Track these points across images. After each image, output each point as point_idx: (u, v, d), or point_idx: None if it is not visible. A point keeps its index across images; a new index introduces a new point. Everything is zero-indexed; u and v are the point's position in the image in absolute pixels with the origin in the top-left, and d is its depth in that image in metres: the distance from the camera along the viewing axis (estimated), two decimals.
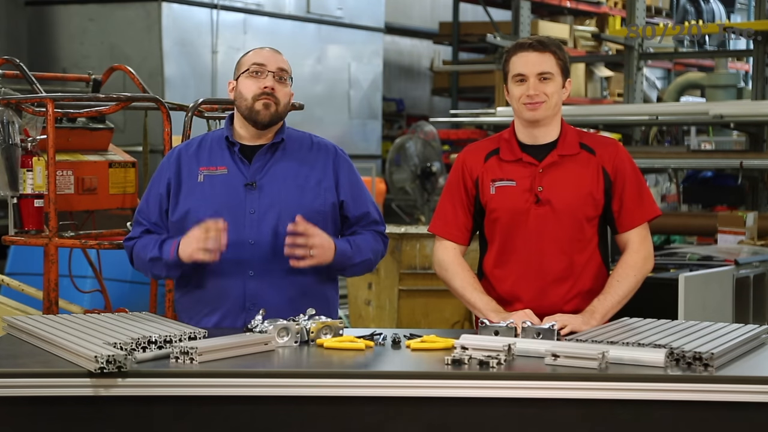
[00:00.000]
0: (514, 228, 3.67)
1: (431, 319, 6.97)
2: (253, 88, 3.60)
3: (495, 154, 3.72)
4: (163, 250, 3.60)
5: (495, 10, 15.21)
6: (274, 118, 3.63)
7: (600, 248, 3.72)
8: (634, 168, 3.72)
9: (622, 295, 3.62)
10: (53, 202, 4.42)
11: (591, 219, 3.68)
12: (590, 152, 3.68)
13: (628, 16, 11.78)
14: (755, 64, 10.43)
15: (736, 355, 3.15)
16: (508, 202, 3.66)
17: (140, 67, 10.37)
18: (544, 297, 3.65)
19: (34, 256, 6.29)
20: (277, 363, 3.14)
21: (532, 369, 3.00)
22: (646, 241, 3.70)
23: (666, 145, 12.48)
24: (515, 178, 3.67)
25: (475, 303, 3.65)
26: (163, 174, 3.71)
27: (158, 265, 3.63)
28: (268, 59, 3.63)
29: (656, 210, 3.74)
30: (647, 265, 3.69)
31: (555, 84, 3.61)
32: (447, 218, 3.77)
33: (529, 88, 3.58)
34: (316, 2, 13.49)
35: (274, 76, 3.61)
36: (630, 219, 3.69)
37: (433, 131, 13.68)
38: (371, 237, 3.74)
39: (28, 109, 4.51)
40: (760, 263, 6.55)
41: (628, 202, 3.68)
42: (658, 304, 5.38)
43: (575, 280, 3.67)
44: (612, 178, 3.67)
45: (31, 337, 3.33)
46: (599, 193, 3.66)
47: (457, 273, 3.71)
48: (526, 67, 3.60)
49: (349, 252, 3.64)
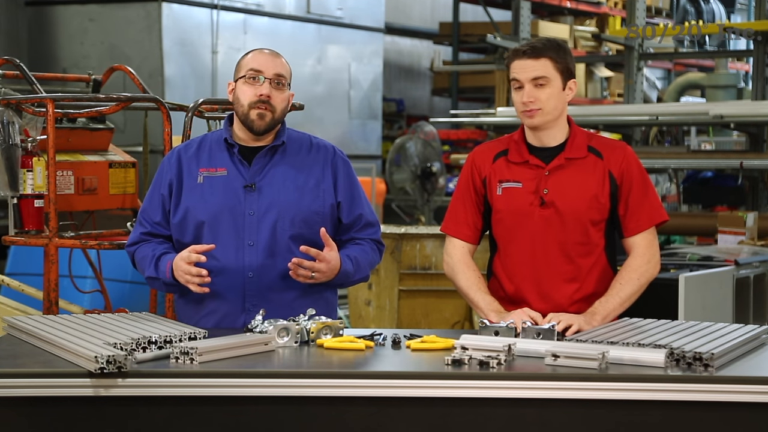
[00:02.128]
0: (518, 229, 3.67)
1: (431, 319, 6.97)
2: (250, 95, 3.60)
3: (504, 155, 3.71)
4: (159, 270, 3.61)
5: (495, 10, 15.22)
6: (269, 126, 3.63)
7: (607, 252, 3.70)
8: (641, 172, 3.69)
9: (624, 297, 3.61)
10: (53, 202, 4.42)
11: (596, 223, 3.66)
12: (598, 156, 3.67)
13: (628, 16, 11.78)
14: (755, 64, 10.43)
15: (736, 356, 3.15)
16: (513, 204, 3.67)
17: (140, 67, 10.40)
18: (549, 299, 3.64)
19: (34, 256, 6.30)
20: (277, 363, 3.13)
21: (532, 369, 3.00)
22: (652, 245, 3.68)
23: (666, 145, 12.48)
24: (521, 179, 3.67)
25: (478, 302, 3.65)
26: (164, 175, 3.71)
27: (157, 284, 3.68)
28: (266, 65, 3.61)
29: (663, 215, 3.71)
30: (652, 270, 3.67)
31: (552, 89, 3.59)
32: (458, 217, 3.77)
33: (524, 95, 3.59)
34: (316, 2, 13.49)
35: (271, 83, 3.60)
36: (636, 223, 3.67)
37: (433, 131, 13.67)
38: (370, 249, 3.75)
39: (28, 109, 4.51)
40: (760, 263, 6.54)
41: (633, 206, 3.66)
42: (658, 304, 5.36)
43: (581, 283, 3.66)
44: (618, 183, 3.65)
45: (31, 337, 3.33)
46: (604, 197, 3.65)
47: (462, 272, 3.72)
48: (521, 73, 3.59)
49: (351, 271, 3.65)
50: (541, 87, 3.58)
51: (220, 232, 3.61)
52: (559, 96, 3.62)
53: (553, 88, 3.59)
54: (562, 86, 3.62)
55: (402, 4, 17.72)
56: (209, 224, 3.62)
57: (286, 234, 3.61)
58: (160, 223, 3.70)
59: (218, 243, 3.57)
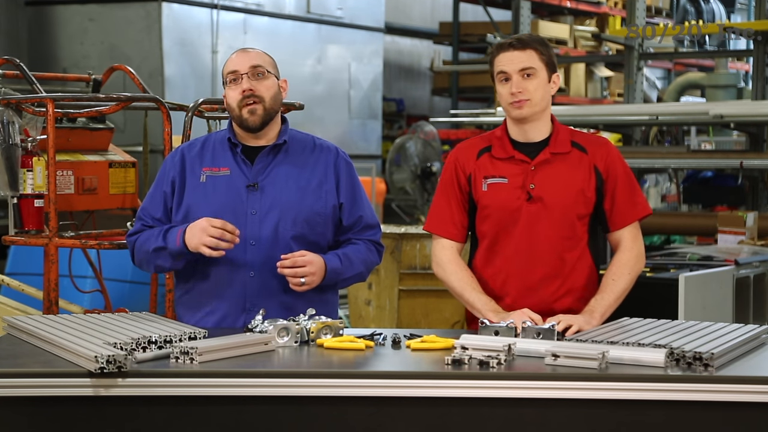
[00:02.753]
0: (505, 225, 3.68)
1: (431, 319, 6.97)
2: (235, 96, 3.62)
3: (487, 152, 3.73)
4: (168, 240, 3.59)
5: (495, 10, 15.22)
6: (263, 118, 3.63)
7: (590, 247, 3.73)
8: (625, 167, 3.75)
9: (619, 293, 3.64)
10: (53, 202, 4.42)
11: (582, 217, 3.69)
12: (582, 151, 3.71)
13: (628, 16, 11.77)
14: (755, 64, 10.43)
15: (736, 355, 3.15)
16: (499, 199, 3.68)
17: (140, 67, 10.39)
18: (533, 294, 3.66)
19: (34, 256, 6.30)
20: (277, 363, 3.14)
21: (532, 369, 3.00)
22: (637, 239, 3.73)
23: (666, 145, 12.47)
24: (507, 175, 3.68)
25: (474, 303, 3.65)
26: (167, 173, 3.72)
27: (162, 255, 3.62)
28: (239, 63, 3.63)
29: (647, 209, 3.76)
30: (640, 263, 3.72)
31: (539, 80, 3.62)
32: (442, 216, 3.77)
33: (512, 86, 3.60)
34: (316, 2, 13.49)
35: (249, 77, 3.61)
36: (622, 217, 3.71)
37: (433, 131, 13.68)
38: (364, 248, 3.74)
39: (28, 109, 4.51)
40: (760, 263, 6.54)
41: (619, 200, 3.70)
42: (658, 304, 5.38)
43: (565, 278, 3.69)
44: (604, 177, 3.69)
45: (31, 337, 3.33)
46: (591, 191, 3.68)
47: (454, 272, 3.72)
48: (508, 65, 3.62)
49: (339, 268, 3.64)
50: (529, 78, 3.62)
51: None
52: (546, 87, 3.66)
53: (540, 79, 3.63)
54: (548, 78, 3.66)
55: (402, 4, 17.73)
56: None
57: (287, 234, 3.62)
58: (161, 219, 3.70)
59: None
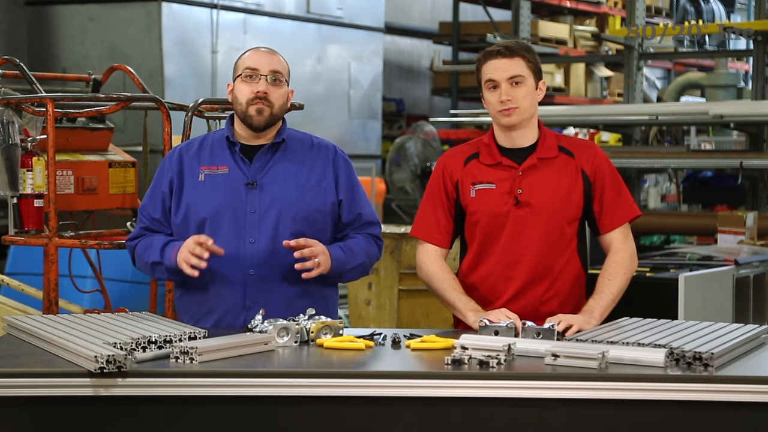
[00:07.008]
0: (493, 230, 3.70)
1: (431, 319, 6.97)
2: (247, 93, 3.62)
3: (475, 158, 3.76)
4: (165, 255, 3.61)
5: (495, 10, 15.22)
6: (268, 121, 3.64)
7: (579, 250, 3.76)
8: (612, 170, 3.77)
9: (615, 293, 3.66)
10: (53, 202, 4.42)
11: (571, 221, 3.72)
12: (569, 155, 3.73)
13: (628, 16, 11.78)
14: (755, 64, 10.44)
15: (736, 355, 3.15)
16: (488, 205, 3.70)
17: (140, 67, 10.39)
18: (521, 298, 3.69)
19: (34, 256, 6.29)
20: (277, 363, 3.14)
21: (532, 369, 3.00)
22: (628, 240, 3.76)
23: (666, 145, 12.48)
24: (495, 181, 3.70)
25: (454, 303, 3.68)
26: (165, 173, 3.72)
27: (159, 270, 3.67)
28: (261, 63, 3.63)
29: (636, 210, 3.79)
30: (633, 263, 3.75)
31: (527, 87, 3.64)
32: (428, 222, 3.80)
33: (501, 94, 3.62)
34: (316, 2, 13.49)
35: (268, 79, 3.62)
36: (611, 220, 3.73)
37: (433, 131, 13.68)
38: (363, 240, 3.74)
39: (28, 109, 4.51)
40: (760, 263, 6.54)
41: (608, 203, 3.72)
42: (658, 304, 5.38)
43: (552, 281, 3.71)
44: (591, 180, 3.72)
45: (31, 337, 3.33)
46: (578, 195, 3.71)
47: (436, 274, 3.74)
48: (496, 72, 3.63)
49: (342, 257, 3.65)
50: (518, 86, 3.64)
51: (222, 229, 3.61)
52: (533, 95, 3.68)
53: (528, 87, 3.65)
54: (535, 85, 3.68)
55: (402, 4, 17.73)
56: (211, 221, 3.62)
57: (287, 231, 3.62)
58: (159, 219, 3.71)
59: (219, 240, 3.57)
